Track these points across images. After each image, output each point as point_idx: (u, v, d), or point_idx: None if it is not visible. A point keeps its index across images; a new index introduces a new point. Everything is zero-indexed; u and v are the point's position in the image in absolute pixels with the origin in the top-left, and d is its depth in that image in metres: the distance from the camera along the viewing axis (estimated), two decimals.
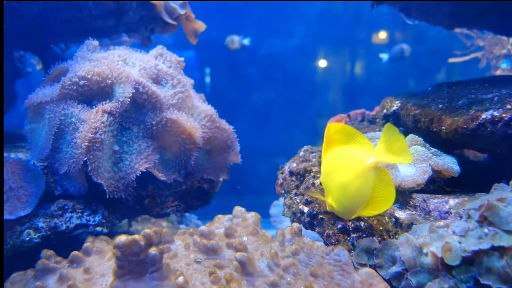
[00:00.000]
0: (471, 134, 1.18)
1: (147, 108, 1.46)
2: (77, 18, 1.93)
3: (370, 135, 1.37)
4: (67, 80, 1.38)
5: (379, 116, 1.81)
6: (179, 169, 1.55)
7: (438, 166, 1.19)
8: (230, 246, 1.15)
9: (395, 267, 1.03)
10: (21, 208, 1.31)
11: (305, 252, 1.07)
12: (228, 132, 1.68)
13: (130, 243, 0.94)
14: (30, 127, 1.46)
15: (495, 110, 1.14)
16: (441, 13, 1.90)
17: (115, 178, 1.37)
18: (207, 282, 1.04)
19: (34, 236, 1.32)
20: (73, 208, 1.40)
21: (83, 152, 1.28)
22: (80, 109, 1.36)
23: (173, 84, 1.56)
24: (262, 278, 1.03)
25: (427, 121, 1.33)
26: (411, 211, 1.17)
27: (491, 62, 3.69)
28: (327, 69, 5.06)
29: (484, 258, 0.90)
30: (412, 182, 1.16)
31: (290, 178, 1.54)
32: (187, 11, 2.27)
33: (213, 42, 4.38)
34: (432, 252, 0.96)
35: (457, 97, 1.32)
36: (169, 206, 1.63)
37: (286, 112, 4.90)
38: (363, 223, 1.17)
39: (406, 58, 4.10)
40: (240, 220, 1.26)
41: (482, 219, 0.96)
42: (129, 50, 1.64)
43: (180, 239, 1.23)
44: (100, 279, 1.09)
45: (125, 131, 1.43)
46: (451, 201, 1.14)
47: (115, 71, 1.40)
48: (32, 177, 1.37)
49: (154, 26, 2.30)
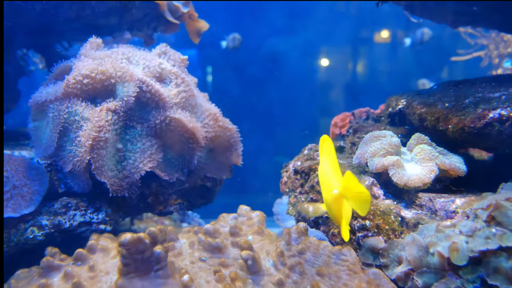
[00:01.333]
0: (478, 133, 1.17)
1: (150, 106, 1.46)
2: (80, 16, 1.92)
3: (376, 133, 1.36)
4: (71, 78, 1.37)
5: (384, 114, 1.80)
6: (182, 168, 1.55)
7: (445, 165, 1.18)
8: (235, 244, 1.15)
9: (401, 267, 1.03)
10: (25, 206, 1.31)
11: (311, 251, 1.07)
12: (232, 131, 1.68)
13: (135, 241, 0.94)
14: (34, 125, 1.46)
15: (502, 109, 1.13)
16: (445, 11, 1.89)
17: (119, 177, 1.36)
18: (212, 281, 1.04)
19: (38, 234, 1.32)
20: (77, 206, 1.39)
21: (87, 150, 1.28)
22: (84, 108, 1.36)
23: (177, 83, 1.55)
24: (268, 277, 1.03)
25: (433, 120, 1.32)
26: (417, 210, 1.16)
27: (493, 61, 3.68)
28: (330, 68, 5.05)
29: (492, 258, 0.89)
30: (419, 181, 1.15)
31: (295, 177, 1.54)
32: (190, 9, 2.26)
33: (215, 41, 4.37)
34: (439, 252, 0.96)
35: (463, 96, 1.31)
36: (172, 204, 1.63)
37: (289, 111, 4.89)
38: (368, 222, 1.16)
39: (425, 43, 4.14)
40: (245, 219, 1.25)
41: (490, 219, 0.95)
42: (132, 48, 1.63)
43: (185, 237, 1.23)
44: (104, 277, 1.09)
45: (129, 130, 1.43)
46: (458, 201, 1.13)
47: (119, 69, 1.39)
48: (36, 175, 1.37)
49: (157, 24, 2.30)
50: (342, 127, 2.04)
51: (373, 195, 1.24)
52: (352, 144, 1.67)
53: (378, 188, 1.26)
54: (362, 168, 1.38)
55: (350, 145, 1.68)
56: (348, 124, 2.00)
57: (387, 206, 1.18)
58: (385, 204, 1.20)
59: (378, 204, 1.20)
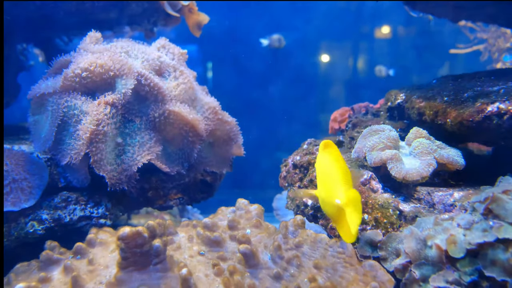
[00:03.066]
0: (477, 126, 1.17)
1: (149, 100, 1.46)
2: (80, 10, 1.92)
3: (375, 127, 1.36)
4: (69, 72, 1.37)
5: (383, 109, 1.80)
6: (182, 162, 1.55)
7: (443, 159, 1.19)
8: (233, 238, 1.15)
9: (399, 259, 1.03)
10: (25, 200, 1.32)
11: (308, 244, 1.07)
12: (231, 125, 1.68)
13: (134, 235, 0.94)
14: (34, 119, 1.46)
15: (501, 103, 1.13)
16: (446, 5, 1.88)
17: (118, 171, 1.37)
18: (211, 274, 1.04)
19: (38, 228, 1.33)
20: (77, 200, 1.40)
21: (85, 143, 1.28)
22: (83, 101, 1.36)
23: (175, 76, 1.55)
24: (266, 270, 1.03)
25: (432, 114, 1.32)
26: (416, 204, 1.17)
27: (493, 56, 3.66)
28: (330, 63, 5.03)
29: (489, 251, 0.89)
30: (417, 174, 1.15)
31: (294, 171, 1.54)
32: (190, 3, 2.26)
33: (215, 36, 4.36)
34: (437, 244, 0.96)
35: (462, 90, 1.31)
36: (172, 198, 1.63)
37: (288, 106, 4.89)
38: (367, 216, 1.17)
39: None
40: (243, 212, 1.26)
41: (487, 211, 0.96)
42: (131, 42, 1.63)
43: (184, 231, 1.23)
44: (104, 271, 1.10)
45: (128, 123, 1.43)
46: (456, 194, 1.14)
47: (117, 63, 1.39)
48: (36, 169, 1.37)
49: (157, 18, 2.29)
50: (341, 122, 2.05)
51: (371, 188, 1.25)
52: (351, 138, 1.67)
53: (376, 182, 1.26)
54: (360, 162, 1.39)
55: (349, 139, 1.69)
56: (347, 118, 2.00)
57: (386, 200, 1.19)
58: (383, 198, 1.20)
59: (377, 198, 1.20)
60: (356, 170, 1.33)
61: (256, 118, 4.47)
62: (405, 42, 4.83)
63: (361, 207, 0.94)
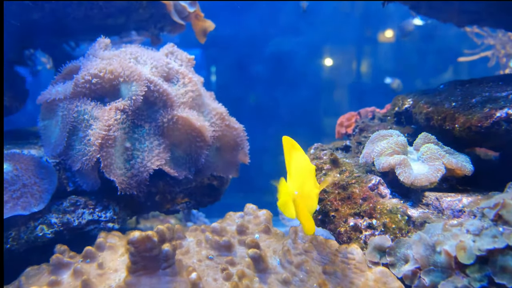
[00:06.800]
0: (485, 132, 1.17)
1: (158, 106, 1.47)
2: (88, 16, 1.94)
3: (383, 132, 1.36)
4: (80, 78, 1.39)
5: (390, 114, 1.80)
6: (189, 166, 1.56)
7: (452, 164, 1.19)
8: (242, 243, 1.15)
9: (408, 265, 1.03)
10: (35, 204, 1.33)
11: (317, 249, 1.07)
12: (238, 130, 1.68)
13: (144, 239, 0.95)
14: (43, 124, 1.48)
15: (510, 108, 1.13)
16: (451, 10, 1.89)
17: (128, 175, 1.38)
18: (219, 279, 1.05)
19: (47, 232, 1.34)
20: (85, 204, 1.41)
21: (97, 149, 1.29)
22: (93, 107, 1.37)
23: (184, 83, 1.57)
24: (275, 275, 1.03)
25: (439, 119, 1.32)
26: (424, 209, 1.17)
27: (501, 61, 3.65)
28: (335, 67, 5.04)
29: (499, 257, 0.89)
30: (425, 180, 1.15)
31: None
32: (196, 9, 2.28)
33: (219, 40, 4.38)
34: (446, 250, 0.96)
35: (470, 95, 1.31)
36: (179, 202, 1.64)
37: (293, 111, 4.89)
38: (375, 221, 1.17)
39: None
40: (252, 217, 1.26)
41: (497, 217, 0.95)
42: (140, 48, 1.64)
43: (192, 236, 1.24)
44: (113, 274, 1.10)
45: (137, 129, 1.44)
46: (464, 200, 1.13)
47: (127, 69, 1.40)
48: (45, 173, 1.39)
49: (164, 24, 2.31)
50: (348, 127, 2.05)
51: (380, 194, 1.25)
52: (358, 143, 1.67)
53: (384, 187, 1.26)
54: (368, 167, 1.39)
55: (356, 144, 1.69)
56: (354, 123, 2.00)
57: (394, 205, 1.19)
58: (392, 203, 1.20)
59: (385, 203, 1.20)
60: (364, 175, 1.33)
61: (261, 122, 4.48)
62: (409, 46, 4.82)
63: (314, 201, 0.96)
